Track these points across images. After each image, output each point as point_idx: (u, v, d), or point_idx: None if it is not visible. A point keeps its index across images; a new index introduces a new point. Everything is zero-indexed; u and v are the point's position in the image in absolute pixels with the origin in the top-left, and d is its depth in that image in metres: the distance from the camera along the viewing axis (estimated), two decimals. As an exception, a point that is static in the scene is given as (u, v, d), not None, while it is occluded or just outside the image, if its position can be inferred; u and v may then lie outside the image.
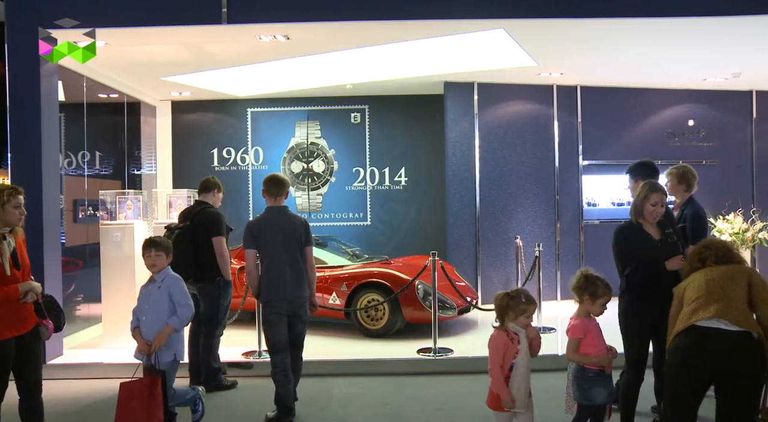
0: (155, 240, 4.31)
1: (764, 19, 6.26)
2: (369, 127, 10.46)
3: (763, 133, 10.17)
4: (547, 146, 9.41)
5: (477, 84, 9.16)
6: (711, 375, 2.99)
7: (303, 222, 4.85)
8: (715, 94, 9.92)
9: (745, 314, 3.03)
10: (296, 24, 6.16)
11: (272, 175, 4.92)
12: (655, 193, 4.03)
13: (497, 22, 6.27)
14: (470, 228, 9.17)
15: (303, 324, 4.86)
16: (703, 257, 3.36)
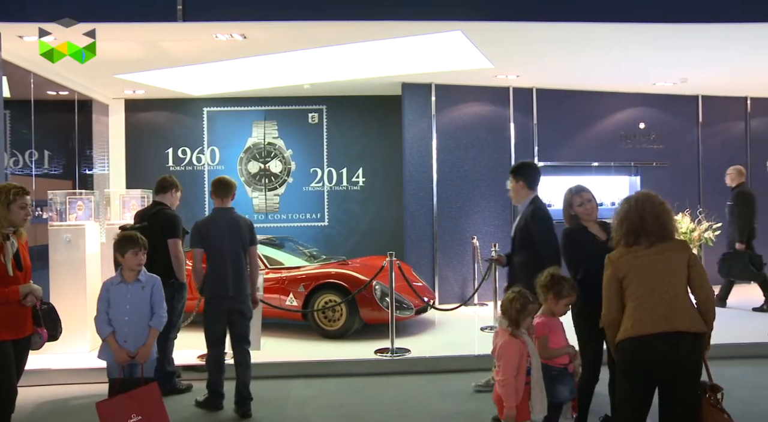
0: (134, 236, 4.13)
1: (708, 28, 6.47)
2: (327, 128, 10.43)
3: (709, 137, 10.52)
4: (504, 147, 9.54)
5: (434, 85, 9.23)
6: (658, 375, 3.05)
7: (248, 224, 5.15)
8: (664, 98, 10.22)
9: (688, 315, 3.03)
10: (253, 23, 6.09)
11: (219, 177, 5.18)
12: (576, 194, 4.21)
13: (454, 24, 6.32)
14: (427, 229, 9.23)
15: (246, 320, 5.11)
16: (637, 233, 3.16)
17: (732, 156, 10.62)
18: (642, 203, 3.19)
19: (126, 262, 4.04)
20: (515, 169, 4.97)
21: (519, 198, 4.92)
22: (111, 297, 3.99)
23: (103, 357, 4.03)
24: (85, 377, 5.82)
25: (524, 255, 4.72)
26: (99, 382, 5.10)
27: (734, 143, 10.68)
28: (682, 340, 2.99)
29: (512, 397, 3.43)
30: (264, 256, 7.70)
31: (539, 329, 3.72)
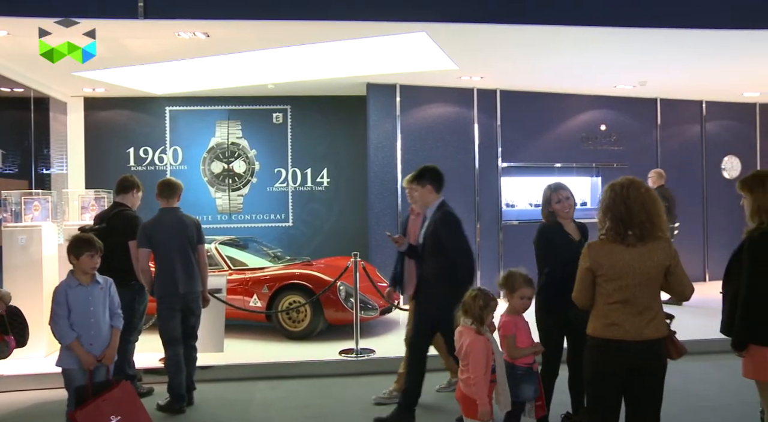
0: (91, 238, 4.03)
1: (666, 32, 6.63)
2: (291, 128, 10.37)
3: (666, 139, 10.77)
4: (468, 148, 9.61)
5: (399, 86, 9.25)
6: (626, 376, 3.08)
7: (195, 222, 5.27)
8: (624, 101, 10.43)
9: (657, 323, 3.07)
10: (216, 21, 6.01)
11: (165, 179, 5.33)
12: (555, 192, 4.25)
13: (419, 25, 6.34)
14: (392, 229, 9.20)
15: (196, 318, 5.24)
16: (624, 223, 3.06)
17: (688, 157, 10.93)
18: (627, 189, 3.08)
19: (80, 265, 3.92)
20: (420, 175, 4.77)
21: (427, 202, 4.76)
22: (71, 301, 3.85)
23: (65, 365, 3.87)
24: (42, 382, 5.67)
25: (436, 263, 4.56)
26: (57, 387, 4.97)
27: (690, 145, 10.97)
28: (649, 347, 3.05)
29: (484, 394, 3.46)
30: (227, 257, 7.62)
31: (506, 328, 3.75)
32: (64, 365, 3.87)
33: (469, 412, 3.54)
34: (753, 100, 11.22)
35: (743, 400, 4.74)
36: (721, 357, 6.08)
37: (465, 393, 3.54)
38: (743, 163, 11.16)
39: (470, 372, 3.48)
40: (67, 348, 3.83)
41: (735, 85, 9.93)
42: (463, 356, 3.56)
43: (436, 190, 4.73)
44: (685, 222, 10.17)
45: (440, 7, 6.18)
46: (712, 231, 10.96)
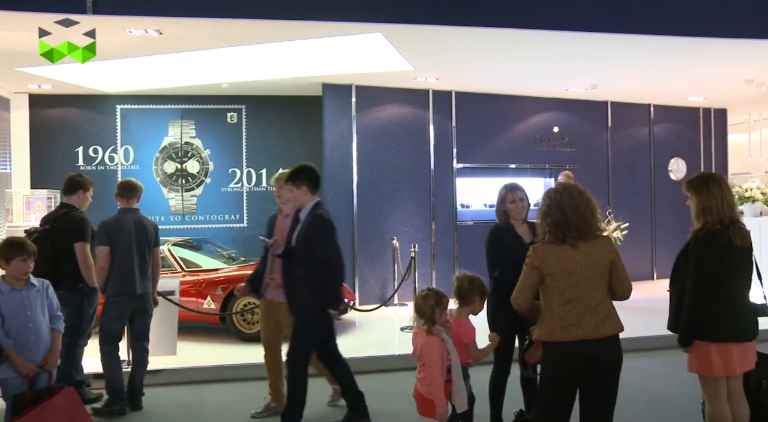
0: (23, 242, 3.87)
1: (615, 37, 6.80)
2: (246, 128, 10.26)
3: (617, 141, 11.05)
4: (423, 149, 9.67)
5: (355, 86, 9.25)
6: (584, 376, 3.12)
7: (154, 225, 5.31)
8: (576, 104, 10.65)
9: (611, 319, 3.12)
10: (169, 19, 5.90)
11: (125, 180, 5.35)
12: (510, 191, 4.26)
13: (374, 26, 6.35)
14: (347, 230, 9.22)
15: (149, 318, 5.26)
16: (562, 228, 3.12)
17: (637, 159, 11.24)
18: (561, 195, 3.17)
19: (11, 270, 3.75)
20: (296, 175, 4.53)
21: (302, 203, 4.55)
22: (4, 307, 3.68)
23: (1, 374, 3.68)
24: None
25: (307, 270, 4.37)
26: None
27: (639, 147, 11.27)
28: (607, 343, 3.10)
29: (442, 395, 3.47)
30: (180, 259, 7.49)
31: (468, 335, 3.76)
32: (1, 374, 3.69)
33: (425, 411, 3.55)
34: (697, 105, 11.61)
35: (687, 393, 4.90)
36: (667, 353, 6.27)
37: (421, 393, 3.56)
38: (688, 165, 11.53)
39: (426, 373, 3.50)
40: (2, 356, 3.63)
41: (680, 89, 10.27)
42: (419, 357, 3.57)
43: (311, 190, 4.54)
44: (633, 222, 10.44)
45: (395, 8, 6.20)
46: (660, 230, 11.29)
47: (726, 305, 3.37)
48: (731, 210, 3.43)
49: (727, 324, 3.36)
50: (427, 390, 3.52)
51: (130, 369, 5.28)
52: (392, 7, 6.21)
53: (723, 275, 3.36)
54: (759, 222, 9.43)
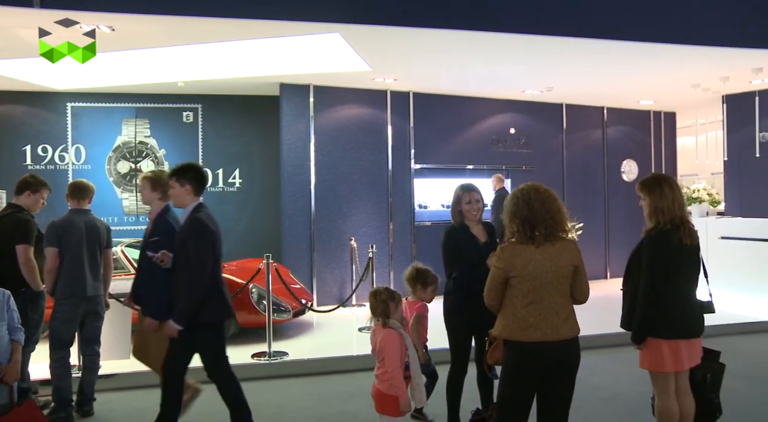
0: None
1: (571, 41, 6.92)
2: (202, 127, 10.12)
3: (572, 142, 11.25)
4: (381, 150, 9.68)
5: (313, 86, 9.20)
6: (543, 376, 3.15)
7: (106, 226, 5.22)
8: (532, 105, 10.81)
9: (571, 322, 3.17)
10: (121, 15, 5.74)
11: (77, 180, 5.24)
12: (466, 192, 4.27)
13: (332, 26, 6.32)
14: (305, 231, 9.18)
15: (100, 321, 5.16)
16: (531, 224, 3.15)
17: (591, 160, 11.46)
18: (528, 192, 3.20)
19: None
20: (180, 171, 4.21)
21: (183, 204, 4.26)
22: None
23: None
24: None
25: (185, 276, 4.12)
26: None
27: (593, 149, 11.50)
28: (566, 345, 3.14)
29: (403, 385, 3.51)
30: (135, 260, 7.31)
31: (420, 308, 4.07)
32: None
33: (384, 408, 3.57)
34: (648, 108, 11.91)
35: (638, 389, 5.02)
36: (618, 350, 6.42)
37: (380, 390, 3.57)
38: (640, 167, 11.82)
39: (386, 366, 3.52)
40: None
41: (632, 93, 10.52)
42: (378, 352, 3.59)
43: (195, 192, 4.26)
44: (587, 223, 10.68)
45: (353, 8, 6.19)
46: (613, 231, 11.54)
47: (676, 303, 3.46)
48: (681, 210, 3.53)
49: (677, 321, 3.46)
50: (386, 386, 3.53)
51: (80, 374, 5.14)
52: (350, 7, 6.19)
53: (674, 274, 3.45)
54: (705, 222, 9.75)
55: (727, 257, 9.16)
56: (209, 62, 8.00)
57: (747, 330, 7.55)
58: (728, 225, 9.46)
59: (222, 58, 7.83)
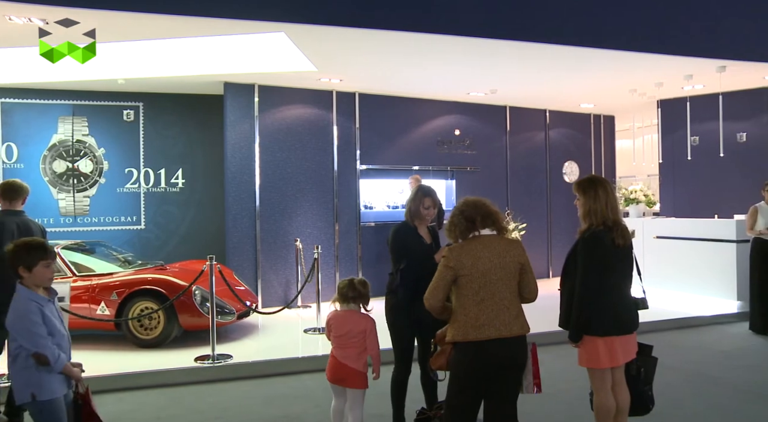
0: (47, 246, 3.41)
1: (514, 44, 7.05)
2: (144, 126, 9.87)
3: (515, 144, 11.46)
4: (327, 150, 9.65)
5: (258, 86, 9.11)
6: (493, 375, 3.21)
7: (40, 228, 5.09)
8: (477, 107, 10.97)
9: (521, 319, 3.26)
10: (52, 8, 5.52)
11: (9, 181, 5.13)
12: (427, 197, 4.31)
13: (277, 25, 6.27)
14: (250, 232, 9.07)
15: None
16: (473, 221, 3.33)
17: (534, 162, 11.71)
18: (469, 199, 3.45)
19: (35, 278, 3.29)
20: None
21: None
22: (47, 319, 3.25)
23: (57, 394, 3.25)
24: None
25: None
26: None
27: (536, 150, 11.75)
28: (517, 343, 3.21)
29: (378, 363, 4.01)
30: (71, 263, 7.11)
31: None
32: (56, 394, 3.24)
33: (356, 383, 3.97)
34: (588, 111, 12.25)
35: (578, 385, 5.15)
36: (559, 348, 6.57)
37: (354, 368, 3.95)
38: (581, 168, 12.15)
39: (370, 349, 3.98)
40: (59, 371, 3.25)
41: (573, 96, 10.80)
42: (355, 334, 3.95)
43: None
44: (530, 223, 10.91)
45: (297, 8, 6.14)
46: (555, 231, 11.82)
47: (611, 301, 3.57)
48: (614, 213, 3.65)
49: (612, 319, 3.57)
50: (361, 364, 3.96)
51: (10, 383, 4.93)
52: (294, 7, 6.14)
53: (607, 273, 3.56)
54: (642, 222, 10.08)
55: (662, 256, 9.50)
56: (151, 59, 7.82)
57: (680, 326, 7.85)
58: (662, 225, 9.81)
59: (164, 56, 7.66)
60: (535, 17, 7.00)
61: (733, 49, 8.09)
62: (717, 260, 8.78)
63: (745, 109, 10.36)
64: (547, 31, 7.01)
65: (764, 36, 8.30)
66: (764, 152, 10.26)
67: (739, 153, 10.37)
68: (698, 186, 10.97)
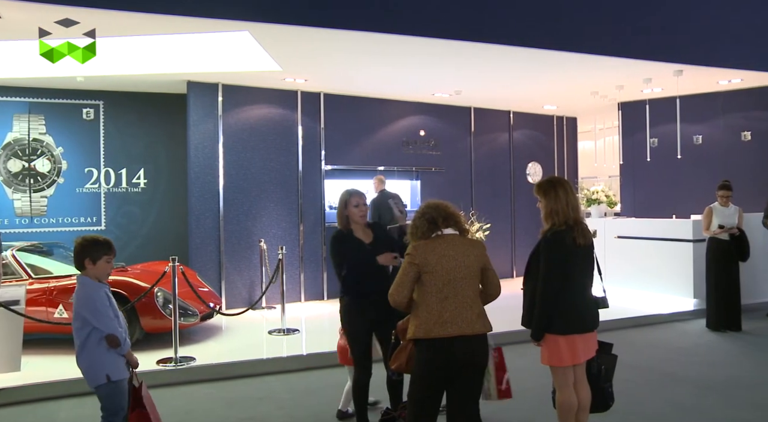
0: (110, 241, 3.76)
1: (478, 46, 7.12)
2: (104, 125, 9.68)
3: (479, 145, 11.57)
4: (291, 150, 9.60)
5: (222, 85, 9.01)
6: (455, 372, 3.22)
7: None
8: (442, 108, 11.03)
9: (482, 317, 3.30)
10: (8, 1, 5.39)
11: None
12: (354, 196, 4.32)
13: (241, 24, 6.22)
14: (213, 233, 8.97)
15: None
16: (435, 222, 3.37)
17: (498, 163, 11.83)
18: (433, 201, 3.48)
19: (97, 271, 3.63)
20: None
21: None
22: (107, 303, 3.61)
23: (123, 375, 3.62)
24: None
25: None
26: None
27: (500, 151, 11.87)
28: (479, 341, 3.24)
29: None
30: (27, 265, 6.93)
31: None
32: (125, 375, 3.63)
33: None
34: (551, 113, 12.43)
35: (540, 383, 5.21)
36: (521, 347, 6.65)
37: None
38: (544, 169, 12.31)
39: None
40: (122, 355, 3.60)
41: (537, 98, 10.95)
42: None
43: None
44: (494, 223, 11.02)
45: (261, 7, 6.09)
46: (519, 231, 11.96)
47: (572, 300, 3.63)
48: (575, 212, 3.71)
49: (573, 317, 3.62)
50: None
51: None
52: (258, 5, 6.09)
53: (569, 272, 3.61)
54: (604, 222, 10.25)
55: (622, 255, 9.68)
56: (112, 57, 7.65)
57: (639, 324, 8.02)
58: (623, 225, 9.99)
59: (126, 54, 7.51)
60: (498, 19, 7.07)
61: (689, 54, 8.31)
62: (675, 259, 8.99)
63: (701, 112, 10.64)
64: (511, 34, 7.09)
65: (718, 42, 8.55)
66: (719, 154, 10.55)
67: (696, 155, 10.64)
68: (657, 186, 11.22)
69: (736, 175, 9.25)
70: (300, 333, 7.39)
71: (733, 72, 9.11)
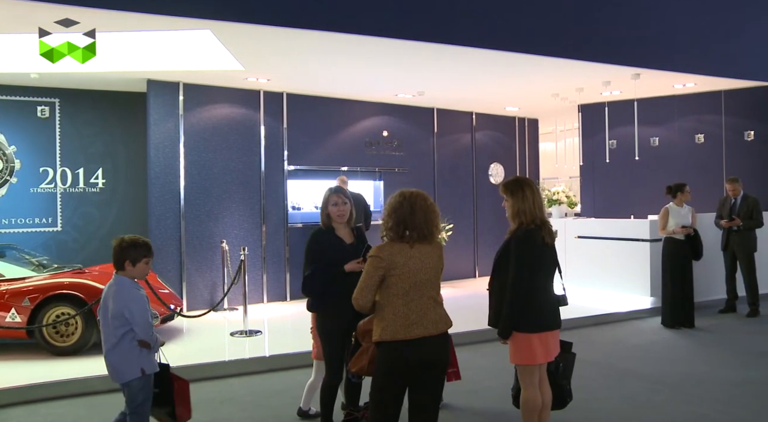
0: (149, 243, 3.89)
1: (440, 47, 7.16)
2: (60, 123, 9.44)
3: (442, 146, 11.64)
4: (254, 150, 9.52)
5: (183, 84, 8.89)
6: (417, 374, 3.21)
7: None
8: (405, 109, 11.07)
9: (445, 316, 3.29)
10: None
11: None
12: (333, 194, 4.30)
13: (202, 22, 6.13)
14: (174, 233, 8.84)
15: None
16: (405, 225, 3.26)
17: (461, 163, 11.91)
18: (416, 198, 3.30)
19: (136, 272, 3.76)
20: None
21: None
22: (145, 302, 3.74)
23: (154, 369, 3.79)
24: None
25: None
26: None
27: (463, 152, 11.96)
28: (442, 340, 3.24)
29: None
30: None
31: None
32: (154, 368, 3.78)
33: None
34: (513, 114, 12.58)
35: (502, 382, 5.27)
36: (484, 346, 6.72)
37: None
38: (506, 170, 12.45)
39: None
40: (145, 352, 3.73)
41: (499, 99, 11.08)
42: None
43: None
44: (457, 223, 11.11)
45: (223, 5, 6.03)
46: (481, 231, 12.06)
47: (542, 298, 3.68)
48: (541, 211, 3.76)
49: (545, 315, 3.68)
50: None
51: None
52: (219, 4, 6.02)
53: (538, 271, 3.67)
54: (564, 222, 10.43)
55: (582, 255, 9.86)
56: (67, 54, 7.48)
57: (597, 322, 8.17)
58: (583, 226, 10.18)
59: (82, 50, 7.35)
60: (460, 21, 7.12)
61: (646, 58, 8.51)
62: (632, 259, 9.19)
63: (658, 115, 10.90)
64: (473, 36, 7.16)
65: (674, 47, 8.78)
66: (675, 156, 10.83)
67: (653, 156, 10.90)
68: (616, 187, 11.46)
69: (690, 176, 9.49)
70: (262, 335, 7.33)
71: (688, 76, 9.37)
